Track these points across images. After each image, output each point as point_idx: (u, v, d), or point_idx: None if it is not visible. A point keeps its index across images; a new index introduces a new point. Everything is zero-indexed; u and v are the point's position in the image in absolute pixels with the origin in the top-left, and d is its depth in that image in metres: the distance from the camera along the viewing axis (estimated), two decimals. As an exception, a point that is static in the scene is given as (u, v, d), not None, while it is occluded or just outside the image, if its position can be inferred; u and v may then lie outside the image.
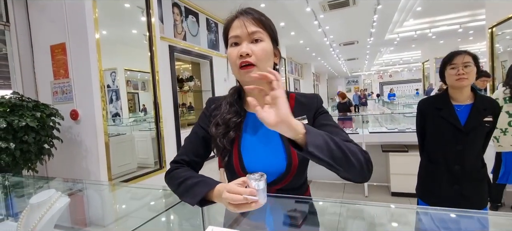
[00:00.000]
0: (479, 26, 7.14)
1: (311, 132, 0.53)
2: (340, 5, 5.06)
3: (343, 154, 0.55)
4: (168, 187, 0.72)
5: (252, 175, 0.55)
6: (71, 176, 2.22)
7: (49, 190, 0.79)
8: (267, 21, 0.69)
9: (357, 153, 0.57)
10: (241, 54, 0.63)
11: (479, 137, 1.27)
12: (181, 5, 3.84)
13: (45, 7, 2.23)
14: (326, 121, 0.71)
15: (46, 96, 2.28)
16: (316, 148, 0.52)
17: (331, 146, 0.54)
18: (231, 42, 0.68)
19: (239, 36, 0.66)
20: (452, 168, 1.28)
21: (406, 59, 14.93)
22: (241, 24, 0.66)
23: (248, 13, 0.68)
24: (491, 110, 1.25)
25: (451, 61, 1.28)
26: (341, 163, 0.55)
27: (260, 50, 0.64)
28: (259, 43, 0.65)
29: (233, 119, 0.71)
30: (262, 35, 0.66)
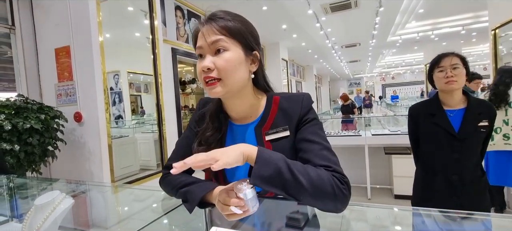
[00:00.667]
0: (482, 28, 7.10)
1: (262, 161, 0.50)
2: (342, 8, 5.07)
3: (299, 186, 0.50)
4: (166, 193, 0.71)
5: (239, 184, 0.52)
6: (74, 177, 2.24)
7: (53, 192, 0.79)
8: (237, 26, 0.59)
9: (323, 184, 0.51)
10: (203, 69, 0.57)
11: (476, 144, 1.19)
12: (183, 8, 3.87)
13: (50, 11, 2.26)
14: (308, 135, 0.61)
15: (50, 98, 2.30)
16: (262, 182, 0.49)
17: (284, 177, 0.50)
18: (197, 53, 0.61)
19: (201, 48, 0.59)
20: (450, 178, 1.19)
21: (408, 61, 14.88)
22: (203, 34, 0.58)
23: (212, 20, 0.59)
24: (486, 114, 1.18)
25: (439, 64, 1.21)
26: (296, 195, 0.50)
27: (223, 62, 0.57)
28: (223, 53, 0.57)
29: (213, 136, 0.67)
30: (226, 44, 0.57)
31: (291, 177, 0.50)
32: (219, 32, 0.58)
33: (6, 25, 2.30)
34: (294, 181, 0.50)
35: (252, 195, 0.51)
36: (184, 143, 0.74)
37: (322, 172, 0.54)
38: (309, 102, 0.66)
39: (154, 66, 2.74)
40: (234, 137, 0.69)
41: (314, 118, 0.65)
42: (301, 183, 0.50)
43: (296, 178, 0.51)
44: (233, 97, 0.64)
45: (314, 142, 0.60)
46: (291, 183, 0.50)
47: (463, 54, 1.23)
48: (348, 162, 3.47)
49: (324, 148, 0.59)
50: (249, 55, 0.62)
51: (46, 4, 2.28)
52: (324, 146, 0.60)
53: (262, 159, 0.51)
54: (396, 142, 3.05)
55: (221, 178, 0.69)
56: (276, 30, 5.98)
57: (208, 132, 0.67)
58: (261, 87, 0.69)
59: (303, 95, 0.67)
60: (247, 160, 0.51)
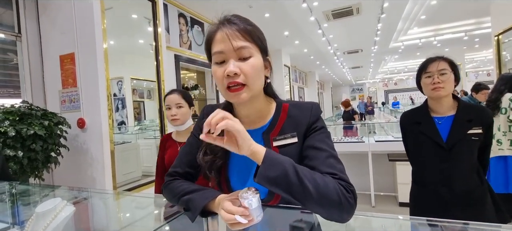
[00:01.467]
0: (485, 33, 7.08)
1: (268, 162, 0.50)
2: (344, 15, 5.10)
3: (305, 191, 0.49)
4: (168, 200, 0.70)
5: (244, 192, 0.52)
6: (76, 183, 2.24)
7: (55, 199, 0.79)
8: (255, 31, 0.60)
9: (328, 192, 0.50)
10: (229, 74, 0.56)
11: (467, 153, 1.09)
12: (186, 15, 3.91)
13: (56, 19, 2.30)
14: (315, 143, 0.61)
15: (54, 105, 2.32)
16: (267, 182, 0.49)
17: (291, 179, 0.49)
18: (215, 58, 0.59)
19: (223, 52, 0.57)
20: (439, 190, 1.11)
21: (411, 67, 14.84)
22: (225, 38, 0.57)
23: (232, 23, 0.58)
24: (478, 120, 1.08)
25: (426, 69, 1.15)
26: (301, 200, 0.49)
27: (250, 68, 0.56)
28: (249, 60, 0.57)
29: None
30: (251, 50, 0.57)
31: (297, 181, 0.50)
32: (243, 37, 0.57)
33: (12, 33, 2.34)
34: (300, 185, 0.50)
35: (257, 204, 0.50)
36: (188, 150, 0.73)
37: (328, 179, 0.53)
38: (318, 111, 0.66)
39: (157, 73, 2.76)
40: None
41: (322, 126, 0.64)
42: (307, 188, 0.49)
43: (302, 182, 0.50)
44: (250, 102, 0.63)
45: (321, 150, 0.59)
46: (297, 187, 0.49)
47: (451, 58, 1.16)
48: (351, 168, 3.43)
49: (330, 156, 0.59)
50: (265, 60, 0.63)
51: (52, 12, 2.32)
52: (331, 154, 0.59)
53: (269, 159, 0.51)
54: (400, 149, 3.02)
55: (225, 185, 0.68)
56: (278, 37, 6.02)
57: None
58: (270, 92, 0.69)
59: (313, 104, 0.66)
60: (253, 157, 0.51)
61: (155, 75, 2.76)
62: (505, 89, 2.26)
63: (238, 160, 0.67)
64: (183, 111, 1.39)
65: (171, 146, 1.44)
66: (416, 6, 5.26)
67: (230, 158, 0.68)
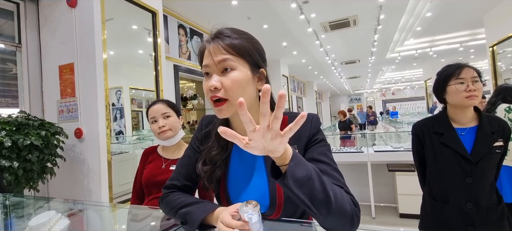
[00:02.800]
0: (480, 44, 7.21)
1: (296, 161, 0.47)
2: (341, 26, 5.18)
3: (326, 198, 0.47)
4: (165, 213, 0.69)
5: (245, 206, 0.50)
6: (72, 195, 2.20)
7: (49, 212, 0.77)
8: (243, 44, 0.58)
9: (344, 203, 0.49)
10: (210, 88, 0.56)
11: (491, 166, 1.04)
12: (186, 26, 3.96)
13: (56, 30, 2.32)
14: (318, 155, 0.60)
15: (52, 115, 2.31)
16: (294, 182, 0.45)
17: (315, 184, 0.46)
18: (203, 72, 0.60)
19: (208, 66, 0.58)
20: (463, 207, 1.04)
21: (408, 77, 15.01)
22: (209, 53, 0.58)
23: (218, 38, 0.59)
24: (500, 132, 1.04)
25: (458, 75, 1.04)
26: (320, 208, 0.47)
27: (230, 82, 0.55)
28: (230, 73, 0.56)
29: (219, 155, 0.65)
30: (233, 62, 0.56)
31: (321, 186, 0.47)
32: (226, 51, 0.57)
33: (13, 43, 2.35)
34: (323, 191, 0.46)
35: (257, 219, 0.49)
36: (186, 162, 0.72)
37: (342, 192, 0.51)
38: (318, 123, 0.65)
39: (156, 83, 2.77)
40: (241, 155, 0.67)
41: (322, 139, 0.64)
42: (329, 196, 0.47)
43: (325, 189, 0.47)
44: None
45: (323, 162, 0.59)
46: (319, 193, 0.46)
47: None
48: (351, 179, 3.41)
49: (333, 169, 0.58)
50: (256, 73, 0.61)
51: (53, 23, 2.34)
52: (333, 167, 0.59)
53: (297, 158, 0.47)
54: (399, 159, 3.01)
55: (224, 198, 0.67)
56: (276, 48, 6.10)
57: (213, 151, 0.66)
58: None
59: (312, 116, 0.65)
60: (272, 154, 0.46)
61: (154, 85, 2.77)
62: (497, 101, 2.26)
63: (238, 171, 0.67)
64: (171, 121, 1.23)
65: (154, 160, 1.29)
66: (411, 18, 5.37)
67: (229, 169, 0.67)
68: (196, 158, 0.71)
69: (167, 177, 1.17)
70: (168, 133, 1.22)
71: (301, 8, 4.09)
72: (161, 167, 1.25)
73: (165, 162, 1.26)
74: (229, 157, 0.67)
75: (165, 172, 1.23)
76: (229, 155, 0.67)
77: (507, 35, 4.34)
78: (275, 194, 0.61)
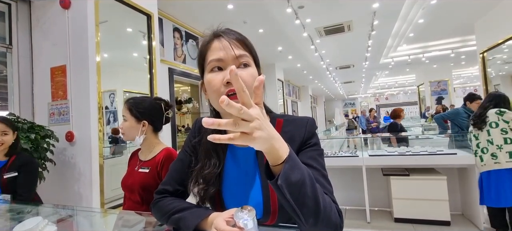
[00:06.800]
0: (471, 51, 7.38)
1: (291, 163, 0.44)
2: (336, 31, 5.24)
3: (316, 207, 0.45)
4: (157, 220, 0.67)
5: (239, 211, 0.49)
6: (62, 199, 2.14)
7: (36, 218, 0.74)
8: (251, 44, 0.60)
9: (331, 213, 0.48)
10: (229, 81, 0.52)
11: None
12: (181, 30, 3.95)
13: (49, 31, 2.28)
14: (306, 159, 0.58)
15: (42, 117, 2.26)
16: (288, 186, 0.42)
17: (306, 190, 0.44)
18: (212, 66, 0.57)
19: (222, 60, 0.56)
20: None
21: (401, 82, 15.25)
22: (224, 46, 0.56)
23: (230, 33, 0.58)
24: None
25: None
26: (308, 216, 0.45)
27: (249, 76, 0.55)
28: (247, 68, 0.56)
29: (212, 172, 0.63)
30: (249, 59, 0.57)
31: (312, 193, 0.45)
32: (242, 46, 0.58)
33: (3, 44, 2.30)
34: (314, 199, 0.45)
35: (253, 225, 0.48)
36: (179, 166, 0.70)
37: (330, 201, 0.50)
38: (313, 127, 0.64)
39: (150, 86, 2.74)
40: (236, 161, 0.65)
41: (316, 143, 0.62)
42: (319, 204, 0.45)
43: (316, 196, 0.45)
44: None
45: (311, 167, 0.57)
46: (310, 200, 0.44)
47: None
48: (345, 183, 3.41)
49: (321, 175, 0.57)
50: (259, 73, 0.62)
51: (45, 24, 2.30)
52: (322, 173, 0.57)
53: (293, 159, 0.44)
54: (393, 163, 3.03)
55: (218, 203, 0.65)
56: (272, 52, 6.13)
57: (205, 170, 0.63)
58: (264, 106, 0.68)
59: (308, 120, 0.64)
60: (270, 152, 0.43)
61: (148, 88, 2.74)
62: (489, 106, 2.36)
63: (232, 179, 0.65)
64: (126, 125, 1.21)
65: (131, 163, 1.28)
66: (404, 24, 5.47)
67: (223, 184, 0.65)
68: (189, 162, 0.69)
69: (132, 181, 1.18)
70: (123, 136, 1.23)
71: (297, 13, 4.12)
72: (134, 169, 1.23)
73: (138, 164, 1.24)
74: (222, 172, 0.65)
75: (134, 175, 1.22)
76: (222, 170, 0.65)
77: (497, 42, 4.46)
78: (269, 201, 0.60)
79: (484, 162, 2.33)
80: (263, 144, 0.41)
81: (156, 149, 1.26)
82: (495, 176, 2.27)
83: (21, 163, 1.55)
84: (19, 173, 1.53)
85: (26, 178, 1.55)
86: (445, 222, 2.77)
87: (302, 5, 3.97)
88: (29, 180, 1.58)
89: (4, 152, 1.55)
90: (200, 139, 0.68)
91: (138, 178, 1.18)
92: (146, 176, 1.17)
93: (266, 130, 0.40)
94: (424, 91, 10.19)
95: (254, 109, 0.39)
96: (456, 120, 3.44)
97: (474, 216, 2.79)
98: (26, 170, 1.56)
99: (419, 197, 2.83)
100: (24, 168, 1.55)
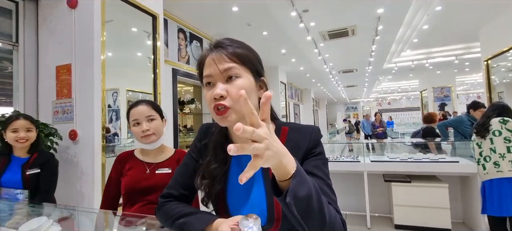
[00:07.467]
0: (475, 58, 7.34)
1: (298, 178, 0.44)
2: (340, 35, 5.24)
3: (322, 220, 0.46)
4: (161, 224, 0.67)
5: (245, 219, 0.50)
6: (64, 198, 2.15)
7: (41, 218, 0.75)
8: (245, 53, 0.59)
9: (334, 224, 0.49)
10: (215, 97, 0.55)
11: None
12: (186, 31, 3.97)
13: (55, 30, 2.30)
14: (311, 168, 0.58)
15: (46, 115, 2.27)
16: (296, 201, 0.43)
17: (313, 205, 0.45)
18: (205, 82, 0.59)
19: (211, 76, 0.57)
20: None
21: (404, 87, 15.20)
22: (212, 62, 0.57)
23: (220, 48, 0.59)
24: None
25: None
26: (313, 228, 0.46)
27: (236, 89, 0.55)
28: (235, 80, 0.56)
29: (219, 169, 0.64)
30: (238, 70, 0.57)
31: (318, 206, 0.45)
32: (230, 59, 0.57)
33: (10, 42, 2.33)
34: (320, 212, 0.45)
35: None
36: (183, 170, 0.71)
37: (334, 213, 0.51)
38: (318, 136, 0.64)
39: (154, 86, 2.75)
40: (241, 167, 0.66)
41: (320, 152, 0.62)
42: (324, 217, 0.46)
43: (322, 209, 0.46)
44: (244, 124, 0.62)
45: (316, 176, 0.57)
46: (316, 214, 0.45)
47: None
48: (346, 188, 3.40)
49: (325, 184, 0.57)
50: (258, 81, 0.62)
51: (51, 23, 2.33)
52: (326, 183, 0.58)
53: (300, 174, 0.45)
54: (395, 169, 3.02)
55: (223, 210, 0.65)
56: (275, 55, 6.13)
57: (212, 165, 0.64)
58: None
59: (313, 129, 0.65)
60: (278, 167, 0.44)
61: (151, 88, 2.75)
62: (493, 115, 2.36)
63: (237, 184, 0.65)
64: (156, 125, 1.16)
65: (134, 167, 1.18)
66: (408, 29, 5.46)
67: (228, 183, 0.66)
68: (194, 167, 0.69)
69: (153, 182, 1.14)
70: (152, 137, 1.15)
71: (301, 17, 4.13)
72: (145, 172, 1.16)
73: (149, 166, 1.18)
74: (228, 171, 0.66)
75: (151, 177, 1.15)
76: (228, 168, 0.66)
77: (502, 49, 4.43)
78: (273, 209, 0.60)
79: (486, 171, 2.32)
80: (272, 162, 0.42)
81: (167, 150, 1.26)
82: (497, 184, 2.25)
83: (44, 161, 1.59)
84: (41, 170, 1.56)
85: (49, 175, 1.59)
86: (446, 230, 2.75)
87: (306, 9, 3.98)
88: (52, 177, 1.63)
89: (26, 148, 1.57)
90: (207, 142, 0.69)
91: (160, 179, 1.14)
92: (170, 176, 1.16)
93: (274, 148, 0.41)
94: (427, 97, 10.15)
95: (262, 129, 0.40)
96: (459, 127, 3.43)
97: (476, 225, 2.77)
98: (48, 167, 1.60)
99: (420, 204, 2.82)
100: (46, 165, 1.59)
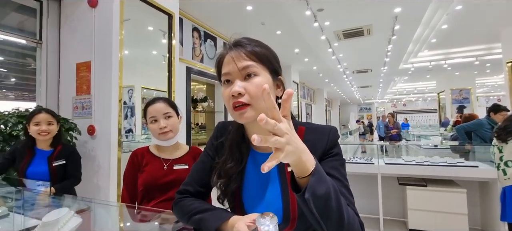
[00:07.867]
0: (497, 59, 7.00)
1: (317, 176, 0.44)
2: (355, 35, 5.14)
3: (340, 220, 0.46)
4: (178, 219, 0.69)
5: (262, 217, 0.50)
6: (81, 191, 2.22)
7: (62, 209, 0.78)
8: (264, 52, 0.61)
9: (353, 226, 0.48)
10: (233, 94, 0.56)
11: None
12: (200, 29, 4.01)
13: (76, 28, 2.39)
14: (328, 169, 0.58)
15: (66, 111, 2.37)
16: (314, 198, 0.43)
17: (332, 204, 0.45)
18: (223, 79, 0.61)
19: (229, 73, 0.59)
20: None
21: (420, 89, 14.72)
22: (230, 60, 0.59)
23: (239, 46, 0.60)
24: None
25: None
26: (331, 229, 0.46)
27: (254, 87, 0.56)
28: (253, 78, 0.57)
29: (235, 168, 0.65)
30: (256, 69, 0.58)
31: (337, 206, 0.45)
32: (248, 57, 0.58)
33: (34, 39, 2.43)
34: (338, 212, 0.46)
35: None
36: (200, 168, 0.72)
37: (352, 213, 0.50)
38: (335, 136, 0.64)
39: (168, 83, 2.80)
40: (256, 166, 0.66)
41: (338, 153, 0.62)
42: (343, 218, 0.46)
43: (340, 209, 0.46)
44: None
45: (333, 177, 0.57)
46: (334, 213, 0.45)
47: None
48: (360, 190, 3.33)
49: (343, 186, 0.57)
50: (276, 80, 0.62)
51: (73, 22, 2.41)
52: (344, 184, 0.57)
53: (319, 172, 0.45)
54: (410, 173, 2.93)
55: (238, 207, 0.66)
56: (288, 54, 6.09)
57: (228, 164, 0.65)
58: None
59: (330, 129, 0.65)
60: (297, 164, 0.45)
61: (166, 85, 2.80)
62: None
63: (253, 184, 0.66)
64: (173, 122, 1.18)
65: (150, 163, 1.20)
66: (427, 29, 5.27)
67: (244, 182, 0.66)
68: (210, 164, 0.70)
69: (172, 178, 1.16)
70: (169, 134, 1.17)
71: (316, 16, 4.08)
72: (163, 169, 1.18)
73: (165, 162, 1.20)
74: (244, 170, 0.66)
75: (169, 173, 1.18)
76: (244, 167, 0.66)
77: (528, 51, 4.20)
78: (289, 208, 0.60)
79: (507, 176, 2.21)
80: (291, 157, 0.42)
81: (181, 147, 1.28)
82: None
83: (68, 153, 1.71)
84: (67, 162, 1.67)
85: (74, 165, 1.73)
86: (464, 237, 2.65)
87: (321, 8, 3.92)
88: (78, 166, 1.77)
89: (49, 141, 1.65)
90: (223, 140, 0.70)
91: (179, 175, 1.17)
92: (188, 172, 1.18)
93: (295, 143, 0.42)
94: (444, 99, 9.78)
95: (283, 124, 0.41)
96: (479, 131, 3.28)
97: (496, 234, 2.64)
98: (73, 158, 1.73)
99: (436, 209, 2.72)
100: (71, 156, 1.71)
